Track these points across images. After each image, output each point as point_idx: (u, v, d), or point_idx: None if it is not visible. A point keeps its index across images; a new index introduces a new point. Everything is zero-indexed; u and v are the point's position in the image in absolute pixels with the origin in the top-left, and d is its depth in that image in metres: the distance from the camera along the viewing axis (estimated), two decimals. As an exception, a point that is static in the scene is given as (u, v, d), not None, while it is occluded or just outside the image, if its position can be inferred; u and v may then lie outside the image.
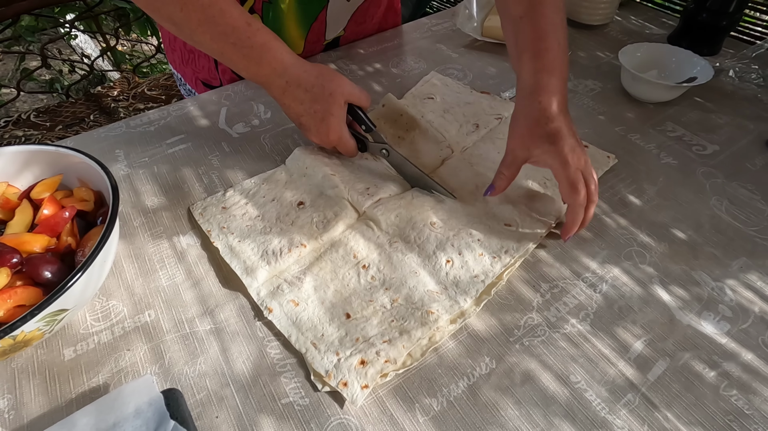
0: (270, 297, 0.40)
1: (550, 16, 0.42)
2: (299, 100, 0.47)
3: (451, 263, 0.42)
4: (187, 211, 0.48)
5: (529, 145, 0.42)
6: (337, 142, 0.50)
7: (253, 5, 0.63)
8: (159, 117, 0.61)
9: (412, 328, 0.38)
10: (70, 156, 0.43)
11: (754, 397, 0.35)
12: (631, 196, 0.50)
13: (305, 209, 0.47)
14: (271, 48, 0.45)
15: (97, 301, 0.41)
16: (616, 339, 0.38)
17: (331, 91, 0.47)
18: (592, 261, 0.44)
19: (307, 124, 0.49)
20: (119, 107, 1.30)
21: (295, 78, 0.46)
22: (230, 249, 0.44)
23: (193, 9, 0.41)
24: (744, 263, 0.44)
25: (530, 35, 0.42)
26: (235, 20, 0.43)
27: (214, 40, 0.44)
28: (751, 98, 0.64)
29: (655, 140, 0.58)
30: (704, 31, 0.71)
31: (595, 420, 0.34)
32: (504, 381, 0.36)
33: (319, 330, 0.38)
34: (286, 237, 0.44)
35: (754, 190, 0.51)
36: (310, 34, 0.70)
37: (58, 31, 1.82)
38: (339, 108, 0.47)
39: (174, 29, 0.44)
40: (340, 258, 0.43)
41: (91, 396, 0.35)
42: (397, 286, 0.41)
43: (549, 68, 0.41)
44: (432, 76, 0.68)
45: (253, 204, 0.48)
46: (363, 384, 0.35)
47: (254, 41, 0.44)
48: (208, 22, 0.42)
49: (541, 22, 0.42)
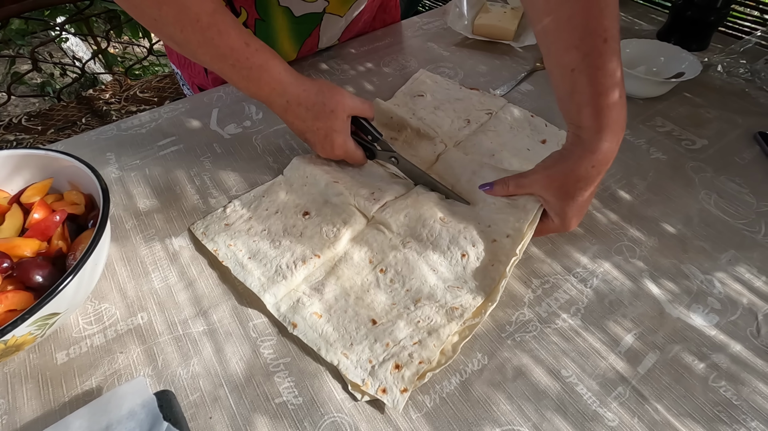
0: (292, 312, 0.39)
1: (609, 67, 0.36)
2: (301, 118, 0.47)
3: (466, 257, 0.42)
4: (188, 230, 0.47)
5: (552, 191, 0.41)
6: (343, 156, 0.50)
7: (246, 21, 0.63)
8: (150, 119, 0.61)
9: (440, 327, 0.38)
10: (60, 159, 0.42)
11: (743, 388, 0.35)
12: (621, 191, 0.51)
13: (311, 219, 0.46)
14: (269, 68, 0.44)
15: (90, 304, 0.41)
16: (606, 333, 0.39)
17: (333, 108, 0.46)
18: (583, 256, 0.44)
19: (312, 140, 0.49)
20: (111, 110, 1.30)
21: (295, 97, 0.46)
22: (242, 267, 0.42)
23: (192, 31, 0.41)
24: (732, 256, 0.44)
25: (589, 89, 0.37)
26: (233, 41, 0.42)
27: (214, 61, 0.43)
28: (739, 93, 0.65)
29: (645, 135, 0.58)
30: (693, 26, 0.72)
31: (586, 414, 0.34)
32: (496, 377, 0.36)
33: (348, 340, 0.38)
34: (299, 250, 0.43)
35: (742, 184, 0.51)
36: (303, 48, 0.71)
37: (49, 34, 1.81)
38: (342, 123, 0.47)
39: (177, 48, 0.44)
40: (355, 265, 0.43)
41: (85, 399, 0.35)
42: (418, 286, 0.41)
43: (612, 129, 0.37)
44: (421, 74, 0.69)
45: (257, 218, 0.47)
46: (402, 388, 0.35)
47: (252, 62, 0.43)
48: (207, 43, 0.42)
49: (600, 76, 0.36)
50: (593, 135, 0.37)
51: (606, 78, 0.36)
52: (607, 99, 0.36)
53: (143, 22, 0.42)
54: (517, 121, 0.59)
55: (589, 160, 0.37)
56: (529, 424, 0.34)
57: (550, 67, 0.40)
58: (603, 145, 0.37)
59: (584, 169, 0.38)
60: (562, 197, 0.40)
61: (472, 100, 0.63)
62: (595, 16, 0.36)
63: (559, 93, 0.40)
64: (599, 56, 0.36)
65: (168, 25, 0.41)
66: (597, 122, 0.37)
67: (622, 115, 0.37)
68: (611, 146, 0.37)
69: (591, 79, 0.37)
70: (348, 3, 0.67)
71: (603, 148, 0.37)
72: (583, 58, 0.37)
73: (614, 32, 0.36)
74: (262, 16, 0.63)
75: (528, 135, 0.57)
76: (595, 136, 0.37)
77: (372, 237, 0.45)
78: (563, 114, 0.40)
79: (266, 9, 0.62)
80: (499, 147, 0.54)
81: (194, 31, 0.41)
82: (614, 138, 0.37)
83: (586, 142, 0.38)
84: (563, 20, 0.37)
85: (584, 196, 0.40)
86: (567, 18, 0.37)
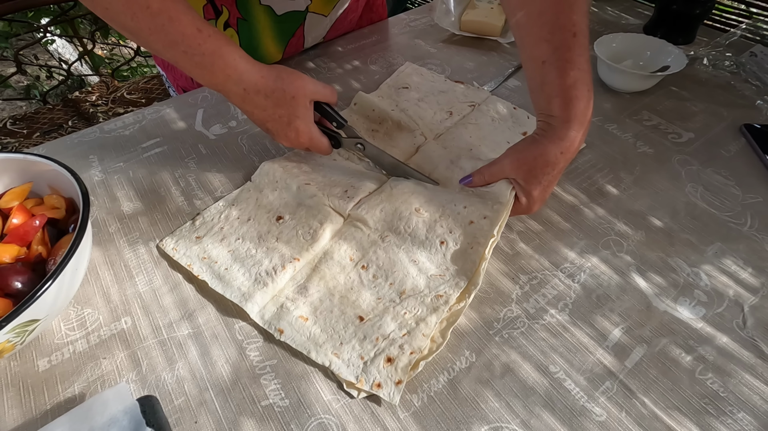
0: (277, 319, 0.39)
1: (578, 60, 0.38)
2: (261, 106, 0.45)
3: (445, 244, 0.43)
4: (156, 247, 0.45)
5: (520, 174, 0.42)
6: (308, 144, 0.49)
7: (228, 19, 0.62)
8: (134, 121, 0.60)
9: (426, 316, 0.38)
10: (39, 163, 0.42)
11: (729, 379, 0.35)
12: (608, 186, 0.51)
13: (286, 223, 0.46)
14: (223, 54, 0.43)
15: (72, 310, 0.40)
16: (594, 327, 0.39)
17: (293, 94, 0.45)
18: (571, 251, 0.44)
19: (274, 129, 0.47)
20: (98, 112, 1.28)
21: (252, 84, 0.44)
22: (219, 280, 0.41)
23: (142, 18, 0.40)
24: (719, 248, 0.44)
25: (558, 81, 0.39)
26: (185, 27, 0.41)
27: (166, 49, 0.42)
28: (725, 85, 0.65)
29: (632, 129, 0.58)
30: (678, 20, 0.72)
31: (574, 409, 0.34)
32: (484, 374, 0.36)
33: (337, 340, 0.37)
34: (276, 255, 0.43)
35: (728, 176, 0.52)
36: (288, 48, 0.70)
37: (34, 36, 1.79)
38: (304, 109, 0.46)
39: (130, 37, 0.43)
40: (336, 264, 0.42)
41: (67, 406, 0.34)
42: (401, 279, 0.41)
43: (579, 119, 0.39)
44: (406, 67, 0.69)
45: (229, 227, 0.46)
46: (396, 380, 0.35)
47: (205, 48, 0.42)
48: (158, 30, 0.41)
49: (569, 69, 0.38)
50: (562, 124, 0.39)
51: (575, 71, 0.38)
52: (576, 91, 0.38)
53: (97, 11, 0.41)
54: (499, 113, 0.59)
55: (558, 147, 0.40)
56: (517, 421, 0.33)
57: (523, 59, 0.43)
58: (570, 134, 0.39)
59: (553, 154, 0.40)
60: (530, 180, 0.42)
61: (456, 93, 0.63)
62: (564, 12, 0.38)
63: (531, 84, 0.42)
64: (568, 50, 0.38)
65: (119, 14, 0.40)
66: (565, 112, 0.39)
67: (589, 106, 0.39)
68: (578, 135, 0.40)
69: (560, 72, 0.39)
70: (332, 2, 0.67)
71: (570, 136, 0.39)
72: (554, 51, 0.39)
73: (583, 27, 0.39)
74: (243, 15, 0.62)
75: (509, 127, 0.58)
76: (564, 125, 0.39)
77: (350, 235, 0.45)
78: (534, 104, 0.42)
79: (247, 8, 0.61)
80: (477, 141, 0.55)
81: (144, 17, 0.40)
82: (581, 128, 0.40)
83: (556, 129, 0.40)
84: (534, 15, 0.40)
85: (549, 180, 0.42)
86: (538, 13, 0.39)
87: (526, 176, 0.42)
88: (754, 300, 0.40)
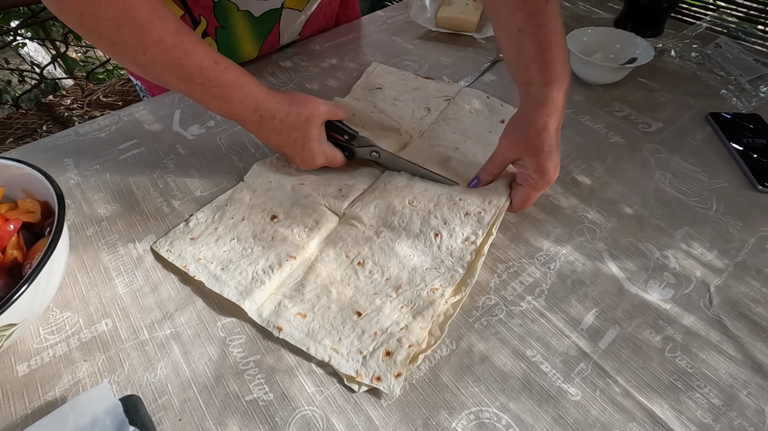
0: (275, 316, 0.39)
1: (551, 25, 0.41)
2: (277, 131, 0.46)
3: (439, 236, 0.43)
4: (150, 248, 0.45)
5: (522, 152, 0.43)
6: (325, 163, 0.49)
7: (207, 29, 0.62)
8: (110, 122, 0.60)
9: (423, 309, 0.39)
10: (11, 167, 0.41)
11: (696, 356, 0.37)
12: (581, 176, 0.52)
13: (281, 222, 0.46)
14: (241, 85, 0.44)
15: (51, 314, 0.40)
16: (569, 312, 0.40)
17: (307, 116, 0.46)
18: (546, 240, 0.46)
19: (291, 153, 0.48)
20: (73, 116, 1.26)
21: (268, 111, 0.45)
22: (216, 279, 0.41)
23: (156, 52, 0.40)
24: (686, 232, 0.46)
25: (534, 46, 0.41)
26: (201, 60, 0.41)
27: (181, 82, 0.42)
28: (691, 76, 0.67)
29: (604, 120, 0.60)
30: (646, 13, 0.74)
31: (550, 390, 0.35)
32: (464, 361, 0.37)
33: (336, 335, 0.38)
34: (273, 254, 0.43)
35: (695, 163, 0.54)
36: (264, 46, 0.70)
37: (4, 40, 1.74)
38: (318, 130, 0.47)
39: (140, 71, 0.42)
40: (333, 261, 0.43)
41: (48, 410, 0.34)
42: (397, 273, 0.42)
43: (558, 80, 0.41)
44: (375, 67, 0.69)
45: (223, 228, 0.46)
46: (396, 373, 0.35)
47: (223, 80, 0.42)
48: (173, 64, 0.40)
49: (544, 33, 0.40)
50: (541, 88, 0.41)
51: (549, 35, 0.41)
52: (552, 53, 0.40)
53: (102, 47, 0.41)
54: (474, 105, 0.61)
55: (543, 111, 0.41)
56: (497, 404, 0.35)
57: (498, 33, 0.44)
58: (552, 95, 0.41)
59: (542, 120, 0.41)
60: (534, 152, 0.43)
61: (429, 88, 0.64)
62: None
63: (508, 56, 0.44)
64: (542, 16, 0.41)
65: (129, 48, 0.40)
66: (544, 76, 0.41)
67: (566, 68, 0.42)
68: (559, 95, 0.41)
69: (536, 37, 0.41)
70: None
71: (553, 97, 0.41)
72: (528, 18, 0.41)
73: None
74: (222, 23, 0.62)
75: (487, 117, 0.59)
76: (544, 88, 0.41)
77: (346, 233, 0.45)
78: (512, 75, 0.44)
79: (226, 16, 0.61)
80: (461, 137, 0.55)
81: (158, 51, 0.40)
82: (561, 88, 0.41)
83: (536, 96, 0.41)
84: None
85: (551, 146, 0.42)
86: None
87: (529, 151, 0.43)
88: (719, 280, 0.42)
